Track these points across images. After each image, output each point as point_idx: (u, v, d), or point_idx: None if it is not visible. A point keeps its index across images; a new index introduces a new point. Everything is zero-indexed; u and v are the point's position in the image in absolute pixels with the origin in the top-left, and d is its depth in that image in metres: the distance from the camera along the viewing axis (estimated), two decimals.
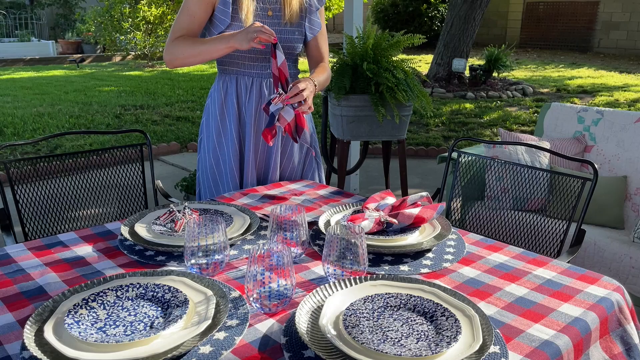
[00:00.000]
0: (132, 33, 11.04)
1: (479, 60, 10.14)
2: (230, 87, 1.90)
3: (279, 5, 1.85)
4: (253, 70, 1.88)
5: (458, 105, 7.22)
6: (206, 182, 1.96)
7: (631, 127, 2.72)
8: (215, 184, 1.95)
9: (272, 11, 1.84)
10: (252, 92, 1.90)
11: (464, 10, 7.98)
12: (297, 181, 1.97)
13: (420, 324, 1.01)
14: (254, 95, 1.90)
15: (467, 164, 2.14)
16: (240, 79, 1.90)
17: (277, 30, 1.84)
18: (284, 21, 1.85)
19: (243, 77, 1.90)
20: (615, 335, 1.16)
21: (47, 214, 1.89)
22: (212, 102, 1.95)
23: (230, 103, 1.90)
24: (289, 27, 1.86)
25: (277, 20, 1.85)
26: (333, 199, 1.78)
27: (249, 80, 1.89)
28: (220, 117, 1.91)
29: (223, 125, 1.92)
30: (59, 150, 5.05)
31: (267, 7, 1.83)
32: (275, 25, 1.84)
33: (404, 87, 2.97)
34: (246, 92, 1.90)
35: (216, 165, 1.94)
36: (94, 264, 1.29)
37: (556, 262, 1.34)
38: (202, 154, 1.98)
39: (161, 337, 0.95)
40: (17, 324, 1.03)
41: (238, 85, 1.90)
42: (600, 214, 2.60)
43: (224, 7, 1.77)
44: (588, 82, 9.25)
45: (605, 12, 13.72)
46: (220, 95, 1.91)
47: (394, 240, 1.37)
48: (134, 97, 7.74)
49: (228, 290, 1.14)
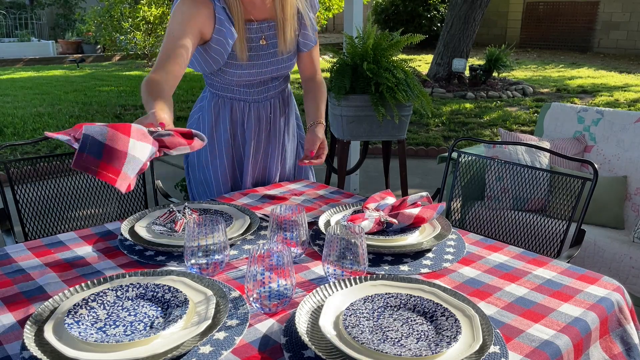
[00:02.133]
0: (132, 33, 11.04)
1: (479, 60, 10.15)
2: (223, 111, 1.81)
3: (274, 31, 1.73)
4: (250, 97, 1.80)
5: (458, 105, 7.22)
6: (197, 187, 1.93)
7: (631, 127, 2.72)
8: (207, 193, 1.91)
9: (266, 39, 1.72)
10: (250, 118, 1.82)
11: (464, 10, 7.98)
12: (297, 181, 1.97)
13: (420, 324, 1.01)
14: (252, 121, 1.82)
15: (467, 164, 2.14)
16: (236, 104, 1.80)
17: (273, 62, 1.76)
18: (279, 52, 1.75)
19: (239, 103, 1.80)
20: (615, 335, 1.16)
21: (47, 214, 1.89)
22: (201, 120, 1.84)
23: (223, 127, 1.82)
24: (285, 56, 1.78)
25: (272, 49, 1.74)
26: (333, 198, 1.78)
27: (245, 106, 1.81)
28: (209, 138, 1.81)
29: (212, 148, 1.84)
30: (59, 150, 5.05)
31: (260, 35, 1.71)
32: (270, 56, 1.74)
33: (404, 87, 2.97)
34: (242, 116, 1.82)
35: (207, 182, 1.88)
36: (94, 264, 1.29)
37: (556, 262, 1.34)
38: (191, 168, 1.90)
39: (161, 337, 0.95)
40: (17, 324, 1.03)
41: (233, 111, 1.81)
42: (600, 214, 2.60)
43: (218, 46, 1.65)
44: (588, 82, 9.25)
45: (605, 12, 13.72)
46: (211, 117, 1.81)
47: (394, 240, 1.37)
48: (134, 97, 7.73)
49: (228, 290, 1.14)
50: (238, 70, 1.72)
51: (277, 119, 1.89)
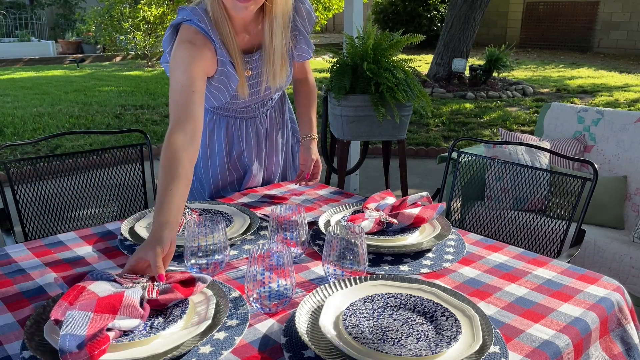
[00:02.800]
0: (132, 33, 11.04)
1: (479, 60, 10.15)
2: (218, 129, 1.75)
3: (260, 69, 1.61)
4: (246, 115, 1.75)
5: (458, 105, 7.22)
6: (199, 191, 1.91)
7: (631, 127, 2.72)
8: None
9: (252, 70, 1.61)
10: (249, 134, 1.78)
11: (464, 11, 7.98)
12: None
13: (420, 324, 1.01)
14: (250, 137, 1.78)
15: (467, 164, 2.14)
16: (232, 122, 1.74)
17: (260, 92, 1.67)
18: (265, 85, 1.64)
19: (235, 121, 1.74)
20: (615, 335, 1.16)
21: (47, 214, 1.89)
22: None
23: (217, 144, 1.77)
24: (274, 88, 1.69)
25: (256, 79, 1.63)
26: (333, 199, 1.78)
27: (242, 123, 1.75)
28: (202, 154, 1.77)
29: (205, 166, 1.79)
30: (59, 150, 5.05)
31: (246, 67, 1.60)
32: (256, 85, 1.64)
33: (404, 87, 2.97)
34: (240, 133, 1.76)
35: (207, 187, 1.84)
36: (94, 264, 1.29)
37: (556, 262, 1.34)
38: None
39: (161, 337, 0.95)
40: (17, 324, 1.03)
41: (229, 128, 1.75)
42: (600, 214, 2.60)
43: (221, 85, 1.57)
44: (588, 82, 9.25)
45: (605, 12, 13.72)
46: (205, 134, 1.74)
47: (394, 240, 1.37)
48: (134, 97, 7.74)
49: (228, 290, 1.14)
50: (237, 100, 1.67)
51: (275, 129, 1.87)
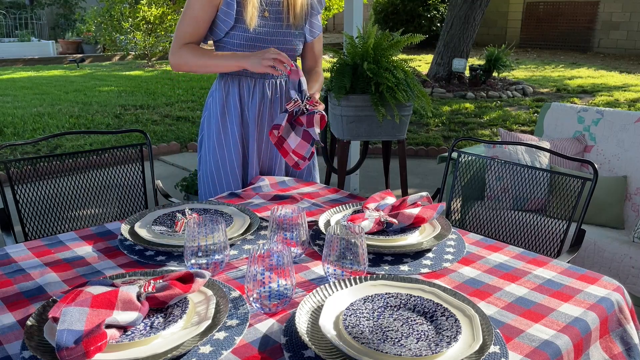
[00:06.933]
0: (132, 33, 11.04)
1: (479, 60, 10.14)
2: (233, 88, 1.90)
3: (281, 7, 1.84)
4: (256, 73, 1.87)
5: (458, 105, 7.22)
6: (209, 182, 1.96)
7: (631, 127, 2.72)
8: (217, 185, 1.95)
9: (269, 13, 1.83)
10: (255, 94, 1.90)
11: (464, 10, 7.98)
12: (309, 184, 1.95)
13: (420, 324, 1.01)
14: (257, 97, 1.90)
15: (467, 164, 2.14)
16: (243, 80, 1.90)
17: (279, 32, 1.85)
18: (285, 24, 1.85)
19: (246, 79, 1.90)
20: (615, 335, 1.16)
21: (47, 214, 1.89)
22: (212, 101, 1.94)
23: (233, 103, 1.91)
24: (292, 30, 1.87)
25: (278, 22, 1.84)
26: (345, 202, 1.77)
27: (251, 82, 1.90)
28: (221, 116, 1.91)
29: (224, 125, 1.92)
30: (59, 150, 5.05)
31: (264, 7, 1.81)
32: (277, 27, 1.84)
33: (404, 87, 2.97)
34: (249, 93, 1.90)
35: (217, 167, 1.93)
36: (94, 264, 1.29)
37: (556, 262, 1.34)
38: (204, 153, 1.97)
39: (161, 337, 0.95)
40: (17, 324, 1.03)
41: (240, 86, 1.90)
42: (600, 214, 2.60)
43: (227, 8, 1.76)
44: (588, 82, 9.25)
45: (605, 12, 13.72)
46: (222, 94, 1.91)
47: (394, 240, 1.37)
48: (134, 97, 7.73)
49: (228, 290, 1.14)
50: (244, 34, 1.80)
51: (281, 100, 1.95)
